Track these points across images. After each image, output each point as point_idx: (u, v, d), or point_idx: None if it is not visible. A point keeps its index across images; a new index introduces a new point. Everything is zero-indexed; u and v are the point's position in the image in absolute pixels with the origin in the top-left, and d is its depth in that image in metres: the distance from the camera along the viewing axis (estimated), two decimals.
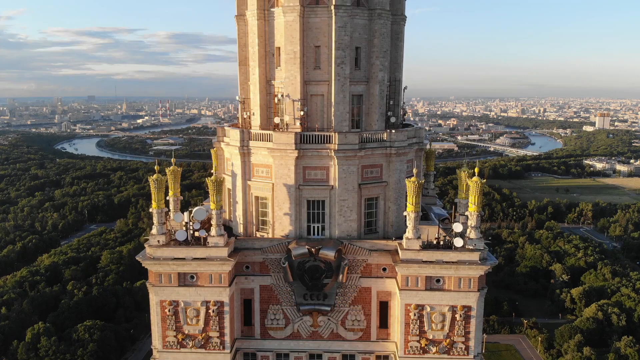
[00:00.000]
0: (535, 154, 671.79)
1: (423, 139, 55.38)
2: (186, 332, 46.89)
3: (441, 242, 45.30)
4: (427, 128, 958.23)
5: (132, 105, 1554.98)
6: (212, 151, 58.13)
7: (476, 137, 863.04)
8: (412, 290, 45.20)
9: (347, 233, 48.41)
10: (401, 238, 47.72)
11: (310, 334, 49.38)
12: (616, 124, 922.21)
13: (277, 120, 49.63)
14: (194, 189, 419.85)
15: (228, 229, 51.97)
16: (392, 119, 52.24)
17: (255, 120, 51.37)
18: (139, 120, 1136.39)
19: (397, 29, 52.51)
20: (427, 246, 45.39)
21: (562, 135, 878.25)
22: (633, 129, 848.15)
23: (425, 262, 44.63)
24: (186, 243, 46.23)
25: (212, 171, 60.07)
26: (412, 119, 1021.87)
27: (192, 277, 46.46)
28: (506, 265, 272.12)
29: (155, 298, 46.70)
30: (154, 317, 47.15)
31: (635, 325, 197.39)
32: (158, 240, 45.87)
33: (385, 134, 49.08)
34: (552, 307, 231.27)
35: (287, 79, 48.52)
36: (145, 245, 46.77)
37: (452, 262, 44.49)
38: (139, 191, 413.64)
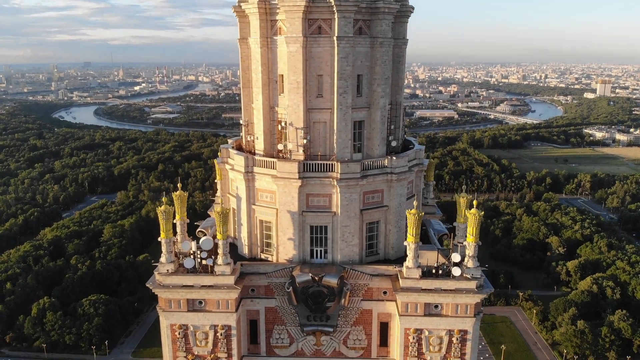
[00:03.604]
0: (535, 122, 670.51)
1: (423, 160, 56.49)
2: (196, 353, 49.31)
3: (440, 271, 47.05)
4: (427, 95, 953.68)
5: (128, 71, 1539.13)
6: (214, 162, 59.11)
7: (476, 104, 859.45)
8: (412, 316, 47.38)
9: (349, 257, 50.15)
10: (401, 259, 49.55)
11: (314, 352, 51.82)
12: (617, 91, 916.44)
13: (280, 146, 50.64)
14: (194, 160, 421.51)
15: (233, 246, 53.66)
16: (393, 143, 53.28)
17: (259, 145, 52.34)
18: (136, 87, 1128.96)
19: (398, 53, 52.90)
20: (426, 273, 47.21)
21: (563, 102, 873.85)
22: (634, 97, 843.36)
23: (425, 290, 46.63)
24: (194, 271, 48.01)
25: (216, 181, 61.00)
26: (412, 85, 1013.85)
27: (200, 302, 48.51)
28: (503, 238, 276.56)
29: (165, 322, 48.88)
30: (165, 339, 49.45)
31: (630, 299, 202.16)
32: (167, 270, 47.65)
33: (386, 160, 50.18)
34: (548, 279, 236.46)
35: (291, 107, 49.28)
36: (155, 272, 48.54)
37: (450, 290, 46.46)
38: (138, 162, 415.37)
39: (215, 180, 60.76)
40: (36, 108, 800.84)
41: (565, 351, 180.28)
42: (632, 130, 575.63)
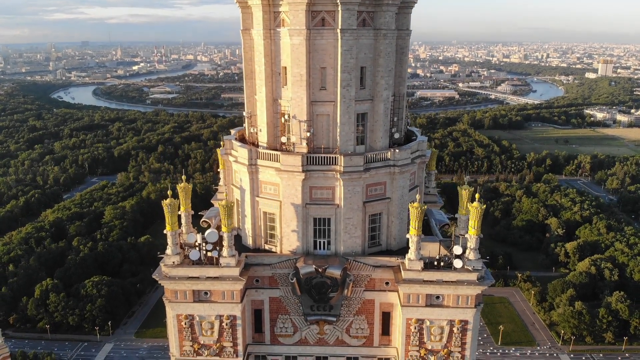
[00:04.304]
0: (536, 102, 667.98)
1: (426, 151, 56.71)
2: (202, 342, 50.30)
3: (442, 263, 47.75)
4: (428, 75, 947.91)
5: (126, 50, 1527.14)
6: (218, 151, 59.42)
7: (477, 84, 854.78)
8: (413, 306, 48.25)
9: (352, 249, 50.79)
10: (403, 249, 50.23)
11: (317, 341, 52.85)
12: (619, 71, 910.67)
13: (283, 139, 50.84)
14: (193, 142, 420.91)
15: (237, 237, 54.23)
16: (396, 135, 53.47)
17: (262, 137, 52.50)
18: (135, 67, 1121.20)
19: (401, 44, 52.65)
20: (427, 265, 47.91)
21: (564, 82, 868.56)
22: (635, 77, 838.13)
23: (426, 281, 47.38)
24: (199, 262, 48.71)
25: (219, 170, 61.45)
26: (413, 64, 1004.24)
27: (206, 293, 49.31)
28: (503, 219, 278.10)
29: (172, 312, 49.78)
30: (171, 329, 50.39)
31: (627, 280, 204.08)
32: (173, 262, 48.33)
33: (389, 153, 50.41)
34: (546, 260, 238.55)
35: (294, 100, 49.34)
36: (161, 264, 49.22)
37: (452, 281, 47.20)
38: (138, 143, 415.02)
39: (218, 170, 61.04)
40: (34, 88, 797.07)
41: (562, 332, 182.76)
42: (633, 111, 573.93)
